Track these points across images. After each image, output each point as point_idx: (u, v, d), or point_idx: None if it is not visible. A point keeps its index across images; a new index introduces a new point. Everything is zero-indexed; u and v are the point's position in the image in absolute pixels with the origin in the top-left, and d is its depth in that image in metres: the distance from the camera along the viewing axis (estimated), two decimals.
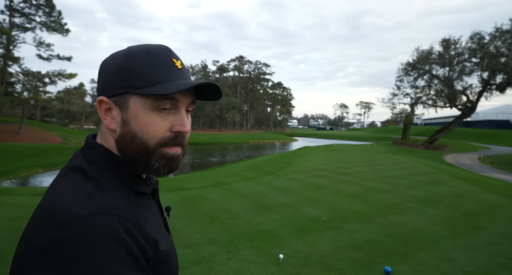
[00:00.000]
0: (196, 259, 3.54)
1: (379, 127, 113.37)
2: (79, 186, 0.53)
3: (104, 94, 0.58)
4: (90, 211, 0.48)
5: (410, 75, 32.13)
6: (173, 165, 0.59)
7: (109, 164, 0.58)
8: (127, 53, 0.58)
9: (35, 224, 0.50)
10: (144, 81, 0.56)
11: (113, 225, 0.48)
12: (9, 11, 30.11)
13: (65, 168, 0.59)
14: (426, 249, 3.91)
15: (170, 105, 0.57)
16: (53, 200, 0.51)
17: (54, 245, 0.45)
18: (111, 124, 0.58)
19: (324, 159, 14.26)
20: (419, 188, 7.82)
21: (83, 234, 0.45)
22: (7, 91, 28.95)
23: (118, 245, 0.47)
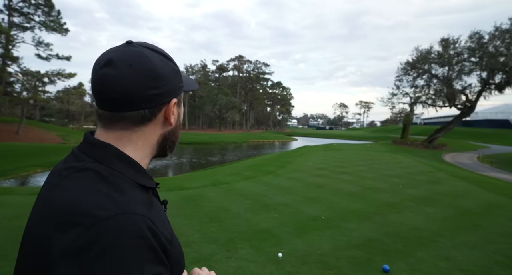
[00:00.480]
0: (195, 258, 3.55)
1: (379, 126, 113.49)
2: (96, 187, 0.53)
3: (173, 96, 0.64)
4: (114, 212, 0.50)
5: (410, 74, 32.17)
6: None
7: (120, 162, 0.59)
8: (165, 54, 0.65)
9: (53, 228, 0.50)
10: (183, 80, 0.70)
11: (138, 224, 0.50)
12: (8, 10, 30.04)
13: (69, 169, 0.58)
14: (425, 247, 3.93)
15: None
16: (69, 202, 0.52)
17: (82, 247, 0.47)
18: (173, 121, 0.66)
19: (323, 159, 14.28)
20: (418, 187, 7.84)
21: (110, 235, 0.47)
22: (6, 90, 28.91)
23: (144, 243, 0.49)
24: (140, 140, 0.63)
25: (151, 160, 0.68)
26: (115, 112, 0.59)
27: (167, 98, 0.62)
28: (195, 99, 76.96)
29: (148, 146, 0.65)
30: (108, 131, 0.61)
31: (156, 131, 0.65)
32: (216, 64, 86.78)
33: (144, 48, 0.61)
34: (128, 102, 0.58)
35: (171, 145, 0.70)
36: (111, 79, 0.57)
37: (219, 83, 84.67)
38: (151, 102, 0.60)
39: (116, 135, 0.61)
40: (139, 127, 0.61)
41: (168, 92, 0.62)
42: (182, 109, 0.72)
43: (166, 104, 0.63)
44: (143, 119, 0.61)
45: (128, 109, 0.59)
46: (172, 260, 0.57)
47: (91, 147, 0.60)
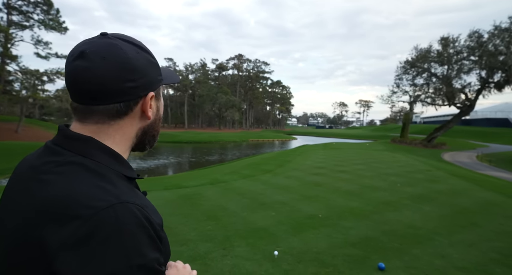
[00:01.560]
0: (191, 256, 3.55)
1: (379, 125, 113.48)
2: (86, 180, 0.53)
3: (150, 89, 0.63)
4: (111, 202, 0.50)
5: (409, 73, 32.13)
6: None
7: (104, 155, 0.59)
8: (142, 46, 0.63)
9: (46, 223, 0.49)
10: (161, 72, 0.68)
11: (134, 212, 0.51)
12: (7, 8, 29.95)
13: (50, 163, 0.56)
14: (421, 245, 3.93)
15: None
16: (61, 195, 0.51)
17: (83, 238, 0.47)
18: (150, 115, 0.65)
19: (322, 157, 14.28)
20: (415, 185, 7.85)
21: (110, 224, 0.48)
22: (5, 89, 28.86)
23: (142, 230, 0.51)
24: (118, 134, 0.62)
25: (130, 153, 0.68)
26: (89, 105, 0.58)
27: (143, 91, 0.61)
28: (195, 98, 76.92)
29: (127, 140, 0.64)
30: (84, 124, 0.60)
31: (134, 125, 0.64)
32: (216, 63, 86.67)
33: (119, 40, 0.60)
34: (102, 95, 0.57)
35: (150, 139, 0.69)
36: (84, 71, 0.56)
37: (218, 82, 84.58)
38: (126, 95, 0.59)
39: (92, 129, 0.60)
40: (115, 120, 0.60)
41: (144, 85, 0.61)
42: (162, 102, 0.71)
43: (142, 97, 0.62)
44: (118, 113, 0.60)
45: (102, 102, 0.57)
46: (164, 246, 0.58)
47: (70, 141, 0.59)
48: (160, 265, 0.53)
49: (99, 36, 0.60)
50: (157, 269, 0.52)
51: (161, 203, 5.87)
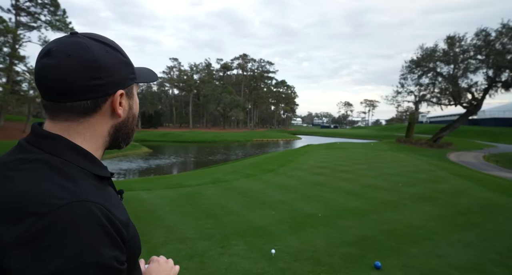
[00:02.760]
0: (189, 254, 3.60)
1: (384, 125, 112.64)
2: (48, 178, 0.53)
3: (119, 87, 0.63)
4: (68, 200, 0.50)
5: (414, 72, 31.81)
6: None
7: (72, 153, 0.59)
8: (112, 45, 0.64)
9: (5, 217, 0.50)
10: (135, 71, 0.69)
11: (92, 211, 0.51)
12: (15, 10, 30.44)
13: (17, 160, 0.57)
14: (418, 245, 3.93)
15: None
16: (19, 192, 0.51)
17: (36, 235, 0.47)
18: (121, 113, 0.65)
19: (325, 157, 14.25)
20: (417, 185, 7.80)
21: (65, 221, 0.48)
22: (13, 89, 29.34)
23: (99, 228, 0.50)
24: (89, 132, 0.62)
25: (104, 151, 0.68)
26: (56, 102, 0.59)
27: (111, 89, 0.61)
28: (200, 97, 77.21)
29: (99, 137, 0.64)
30: (55, 122, 0.61)
31: (105, 123, 0.64)
32: (221, 62, 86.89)
33: (88, 39, 0.60)
34: (68, 93, 0.58)
35: (124, 137, 0.70)
36: (49, 69, 0.57)
37: (223, 82, 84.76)
38: (93, 93, 0.59)
39: (62, 126, 0.61)
40: (85, 118, 0.61)
41: (112, 83, 0.61)
42: (136, 100, 0.71)
43: (111, 95, 0.62)
44: (86, 110, 0.60)
45: (69, 99, 0.58)
46: (130, 243, 0.59)
47: (40, 139, 0.59)
48: (120, 263, 0.53)
49: (69, 35, 0.61)
50: (114, 267, 0.51)
51: (162, 202, 5.95)
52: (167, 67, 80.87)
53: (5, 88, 29.13)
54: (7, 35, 28.60)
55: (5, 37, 28.90)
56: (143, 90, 68.86)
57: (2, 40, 29.25)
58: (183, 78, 76.64)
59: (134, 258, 0.65)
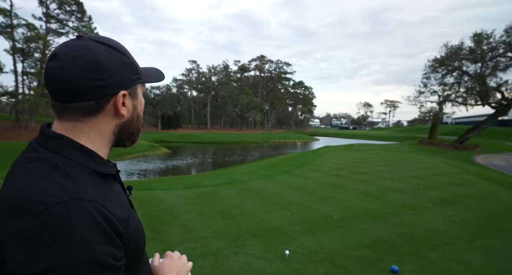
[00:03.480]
0: (204, 253, 3.65)
1: (406, 126, 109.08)
2: (48, 176, 0.55)
3: (121, 88, 0.65)
4: (63, 198, 0.52)
5: (438, 72, 30.62)
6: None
7: (75, 152, 0.61)
8: (115, 46, 0.65)
9: (5, 214, 0.53)
10: (140, 71, 0.71)
11: (87, 209, 0.53)
12: (46, 17, 32.22)
13: (25, 159, 0.60)
14: (438, 250, 3.78)
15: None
16: (21, 190, 0.54)
17: (32, 231, 0.49)
18: (124, 113, 0.67)
19: (342, 159, 14.01)
20: (440, 188, 7.50)
21: (60, 219, 0.50)
22: (43, 92, 30.98)
23: (94, 226, 0.52)
24: (93, 131, 0.64)
25: (110, 149, 0.71)
26: (62, 103, 0.62)
27: (114, 90, 0.63)
28: (217, 99, 78.10)
29: (103, 136, 0.66)
30: (61, 122, 0.64)
31: (109, 122, 0.66)
32: (238, 64, 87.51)
33: (92, 41, 0.63)
34: (72, 94, 0.60)
35: (129, 136, 0.71)
36: (55, 71, 0.60)
37: (240, 83, 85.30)
38: (96, 93, 0.61)
39: (67, 126, 0.63)
40: (89, 118, 0.63)
41: (114, 84, 0.63)
42: (141, 100, 0.73)
43: (113, 96, 0.64)
44: (90, 110, 0.62)
45: (73, 100, 0.61)
46: (130, 239, 0.61)
47: (46, 138, 0.62)
48: (116, 259, 0.55)
49: (74, 39, 0.64)
50: (109, 263, 0.53)
51: (179, 201, 6.08)
52: (186, 70, 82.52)
53: (36, 92, 30.87)
54: (38, 41, 30.31)
55: (36, 43, 30.65)
56: (163, 92, 70.61)
57: (33, 46, 31.04)
58: (202, 80, 77.85)
59: (137, 252, 0.67)
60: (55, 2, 31.65)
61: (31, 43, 30.46)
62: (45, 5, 31.68)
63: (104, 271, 0.52)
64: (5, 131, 28.58)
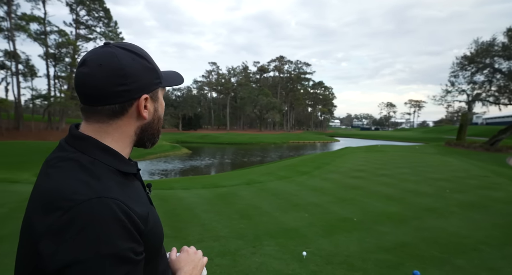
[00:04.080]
0: (222, 252, 3.70)
1: (432, 127, 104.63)
2: (75, 175, 0.60)
3: (144, 92, 0.69)
4: (89, 196, 0.57)
5: (467, 70, 29.16)
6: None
7: (100, 152, 0.66)
8: (138, 53, 0.69)
9: (39, 210, 0.58)
10: (161, 75, 0.75)
11: (111, 206, 0.57)
12: (76, 24, 34.00)
13: (55, 158, 0.65)
14: (465, 255, 3.61)
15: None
16: (52, 188, 0.59)
17: (61, 227, 0.54)
18: (146, 115, 0.70)
19: (363, 160, 13.67)
20: (467, 192, 7.14)
21: (86, 216, 0.55)
22: (72, 95, 32.63)
23: (116, 223, 0.56)
24: (117, 132, 0.69)
25: (132, 149, 0.75)
26: (89, 106, 0.66)
27: (137, 94, 0.67)
28: (237, 100, 78.73)
29: (126, 137, 0.71)
30: (88, 124, 0.68)
31: (132, 124, 0.70)
32: (257, 65, 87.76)
33: (118, 48, 0.67)
34: (98, 98, 0.65)
35: (149, 137, 0.75)
36: (84, 77, 0.65)
37: (259, 84, 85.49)
38: (120, 97, 0.66)
39: (94, 127, 0.68)
40: (114, 120, 0.68)
41: (137, 89, 0.67)
42: (162, 103, 0.76)
43: (136, 99, 0.68)
44: (115, 113, 0.67)
45: (99, 103, 0.65)
46: (149, 235, 0.65)
47: (74, 139, 0.67)
48: (137, 254, 0.59)
49: (102, 46, 0.68)
50: (130, 258, 0.57)
51: (198, 201, 6.19)
52: (206, 71, 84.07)
53: (66, 94, 32.57)
54: (68, 47, 32.00)
55: (67, 48, 32.38)
56: (183, 93, 72.22)
57: (64, 52, 32.81)
58: (221, 81, 78.84)
59: (156, 247, 0.71)
60: (84, 9, 33.31)
61: (62, 48, 32.21)
62: (75, 12, 33.43)
63: (125, 265, 0.56)
64: (39, 132, 30.37)
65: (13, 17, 28.72)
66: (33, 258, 0.56)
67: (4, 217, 4.73)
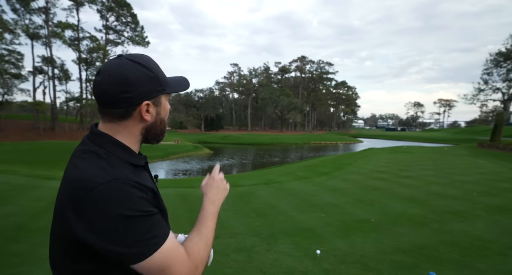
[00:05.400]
0: (238, 248, 3.81)
1: (463, 127, 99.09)
2: (95, 164, 0.74)
3: (146, 98, 0.79)
4: (107, 179, 0.70)
5: (502, 66, 27.46)
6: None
7: (113, 146, 0.79)
8: (143, 64, 0.79)
9: (69, 192, 0.72)
10: (166, 83, 0.85)
11: (126, 184, 0.71)
12: (105, 29, 35.80)
13: (79, 151, 0.79)
14: (488, 260, 3.47)
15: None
16: (78, 174, 0.72)
17: (88, 204, 0.68)
18: (148, 118, 0.82)
19: (387, 161, 13.31)
20: (497, 195, 6.78)
21: (107, 193, 0.68)
22: None
23: (134, 194, 0.70)
24: (125, 131, 0.81)
25: (141, 145, 0.88)
26: (102, 108, 0.80)
27: (138, 100, 0.78)
28: (258, 101, 79.03)
29: (133, 136, 0.83)
30: (103, 123, 0.82)
31: (137, 125, 0.82)
32: (279, 66, 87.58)
33: (126, 60, 0.78)
34: (107, 102, 0.77)
35: (153, 136, 0.87)
36: (97, 84, 0.78)
37: (281, 85, 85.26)
38: (124, 103, 0.77)
39: (107, 126, 0.81)
40: (121, 121, 0.80)
41: (139, 96, 0.78)
42: (165, 107, 0.87)
43: (139, 105, 0.79)
44: (121, 115, 0.79)
45: (109, 107, 0.78)
46: (160, 202, 0.79)
47: (94, 135, 0.81)
48: (152, 212, 0.73)
49: (115, 58, 0.81)
50: (149, 213, 0.71)
51: None
52: (228, 73, 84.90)
53: None
54: (99, 51, 33.78)
55: (97, 53, 34.20)
56: (206, 95, 73.54)
57: (95, 56, 34.69)
58: (243, 82, 79.45)
59: (166, 213, 0.83)
60: (114, 15, 35.02)
61: (94, 53, 34.08)
62: (105, 18, 35.21)
63: (148, 218, 0.71)
64: (71, 132, 32.31)
65: (50, 25, 30.81)
66: (67, 231, 0.71)
67: (43, 210, 5.17)
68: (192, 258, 0.77)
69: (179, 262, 0.73)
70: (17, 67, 30.37)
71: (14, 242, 3.75)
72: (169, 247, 0.73)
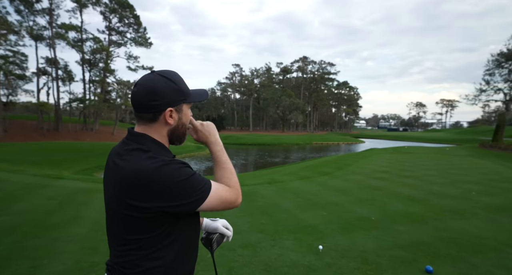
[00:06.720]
0: (243, 244, 3.98)
1: (466, 127, 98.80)
2: (144, 156, 0.94)
3: (170, 106, 0.99)
4: (159, 164, 0.91)
5: (504, 67, 27.51)
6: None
7: (153, 144, 0.99)
8: (170, 78, 0.99)
9: (130, 180, 0.91)
10: (188, 94, 1.05)
11: (172, 163, 0.93)
12: (108, 30, 36.07)
13: (125, 150, 0.98)
14: (483, 255, 3.62)
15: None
16: (135, 165, 0.92)
17: (148, 185, 0.89)
18: (171, 122, 1.01)
19: (388, 161, 13.44)
20: (496, 195, 6.91)
21: (162, 173, 0.90)
22: (105, 98, 34.68)
23: (180, 167, 0.94)
24: (156, 132, 1.02)
25: (169, 144, 1.08)
26: (138, 113, 1.00)
27: (164, 107, 0.98)
28: (260, 101, 79.18)
29: (162, 136, 1.03)
30: (138, 125, 1.03)
31: (163, 128, 1.02)
32: (280, 66, 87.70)
33: (157, 75, 0.99)
34: (140, 108, 0.98)
35: (176, 137, 1.08)
36: (134, 94, 0.99)
37: (282, 85, 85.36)
38: (153, 109, 0.98)
39: (142, 128, 1.01)
40: (152, 123, 1.00)
41: (164, 104, 0.98)
42: (186, 114, 1.07)
43: (164, 110, 0.99)
44: (151, 119, 1.00)
45: (142, 112, 0.99)
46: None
47: (134, 136, 1.01)
48: (195, 172, 0.97)
49: (149, 73, 1.01)
50: (193, 172, 0.97)
51: None
52: (230, 73, 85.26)
53: (99, 97, 34.65)
54: (102, 53, 34.05)
55: (100, 54, 34.47)
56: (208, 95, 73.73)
57: (98, 57, 34.96)
58: (244, 83, 79.70)
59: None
60: (117, 16, 35.29)
61: (97, 54, 34.33)
62: (108, 20, 35.50)
63: (194, 175, 0.96)
64: (75, 133, 32.59)
65: (54, 26, 31.10)
66: (133, 211, 0.92)
67: (55, 207, 5.37)
68: (232, 185, 1.07)
69: (227, 192, 1.04)
70: (21, 68, 30.68)
71: (32, 237, 3.95)
72: (216, 186, 1.01)
